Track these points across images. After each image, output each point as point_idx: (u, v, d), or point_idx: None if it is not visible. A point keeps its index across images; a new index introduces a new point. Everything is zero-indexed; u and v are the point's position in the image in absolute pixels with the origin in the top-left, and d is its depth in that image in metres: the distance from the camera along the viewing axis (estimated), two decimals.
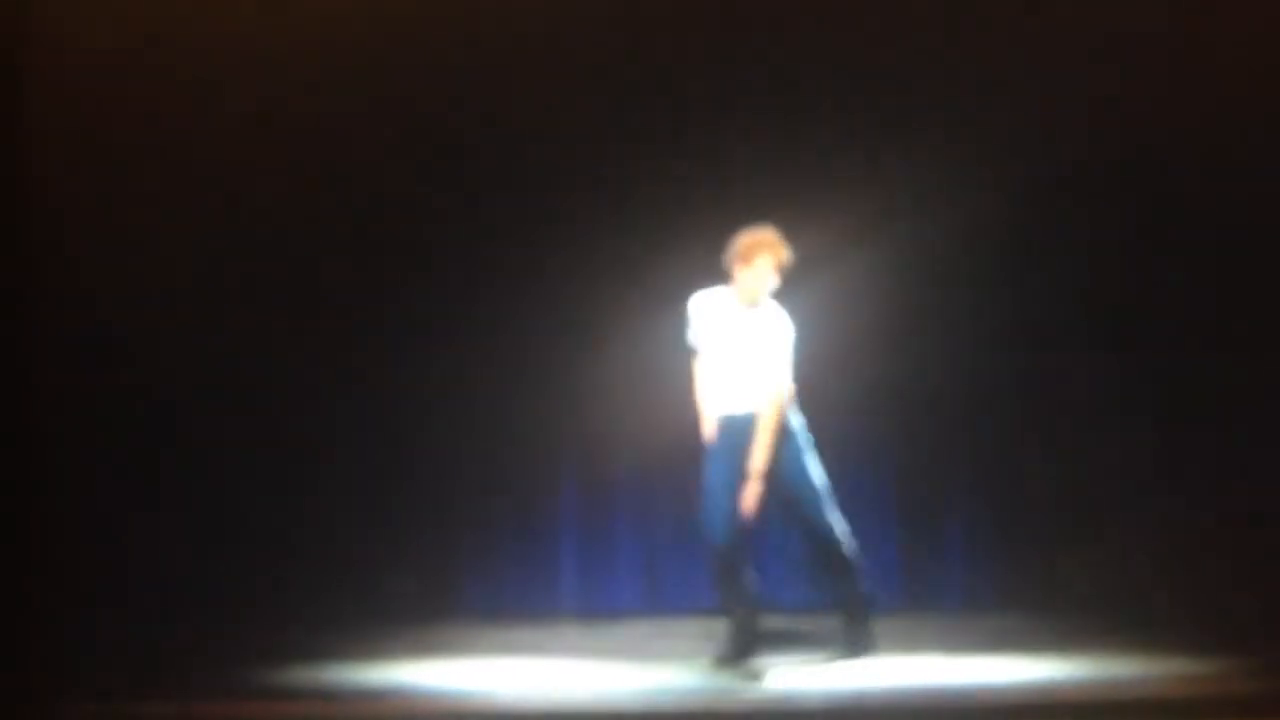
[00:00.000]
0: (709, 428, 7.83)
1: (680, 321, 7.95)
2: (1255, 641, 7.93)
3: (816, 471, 7.79)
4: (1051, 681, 7.45)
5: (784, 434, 7.72)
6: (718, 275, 7.90)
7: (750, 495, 7.61)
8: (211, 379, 8.90)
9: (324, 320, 9.13)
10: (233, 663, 7.93)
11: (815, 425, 7.77)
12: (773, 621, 8.44)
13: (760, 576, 7.92)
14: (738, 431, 7.73)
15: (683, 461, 8.90)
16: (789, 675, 7.65)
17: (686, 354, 7.94)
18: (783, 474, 7.75)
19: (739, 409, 7.76)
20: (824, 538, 7.83)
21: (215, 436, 8.89)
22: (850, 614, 7.93)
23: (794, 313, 7.88)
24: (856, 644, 7.89)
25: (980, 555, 9.34)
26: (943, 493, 9.42)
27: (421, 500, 9.28)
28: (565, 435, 9.41)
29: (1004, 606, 9.17)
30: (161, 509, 8.74)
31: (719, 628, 8.18)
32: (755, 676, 7.64)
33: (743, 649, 7.88)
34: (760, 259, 7.75)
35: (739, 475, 7.69)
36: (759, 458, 7.61)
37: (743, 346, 7.77)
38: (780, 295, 7.91)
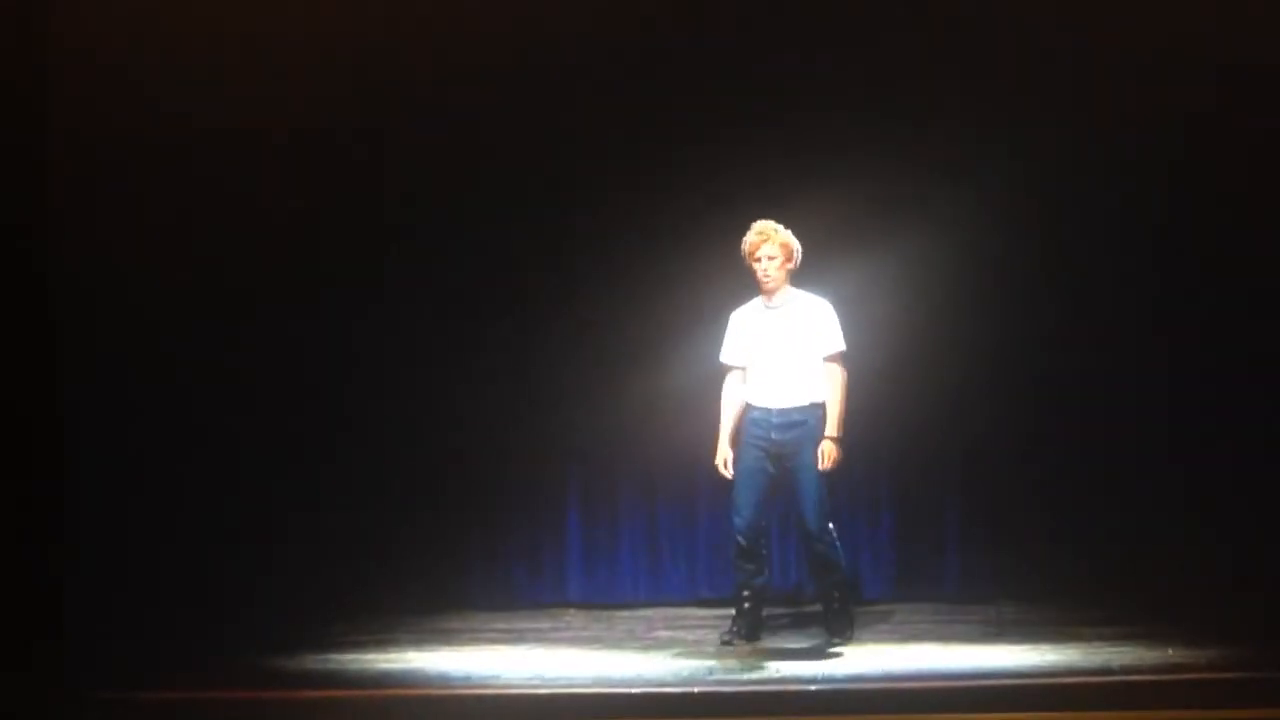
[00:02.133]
0: (725, 444, 8.10)
1: (683, 331, 8.12)
2: (1248, 630, 7.99)
3: (813, 470, 8.02)
4: (1045, 669, 7.55)
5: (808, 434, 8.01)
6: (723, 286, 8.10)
7: (830, 457, 8.00)
8: (229, 378, 8.96)
9: (338, 321, 9.20)
10: (249, 652, 8.05)
11: None
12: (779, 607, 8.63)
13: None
14: (768, 426, 8.02)
15: (684, 459, 9.10)
16: (788, 661, 7.77)
17: (719, 369, 8.26)
18: (788, 472, 8.03)
19: (770, 404, 8.04)
20: (811, 534, 8.07)
21: (233, 433, 8.97)
22: (828, 603, 8.19)
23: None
24: (836, 630, 8.14)
25: (975, 545, 9.35)
26: (938, 484, 9.44)
27: (431, 494, 9.33)
28: (571, 432, 9.44)
29: (999, 596, 9.20)
30: (182, 503, 8.82)
31: (721, 615, 8.33)
32: (755, 662, 7.77)
33: (749, 632, 8.12)
34: (761, 250, 7.99)
35: (765, 465, 8.01)
36: (835, 426, 8.01)
37: (771, 346, 8.06)
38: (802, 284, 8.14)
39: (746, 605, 8.15)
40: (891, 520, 9.47)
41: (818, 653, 7.99)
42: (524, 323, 9.38)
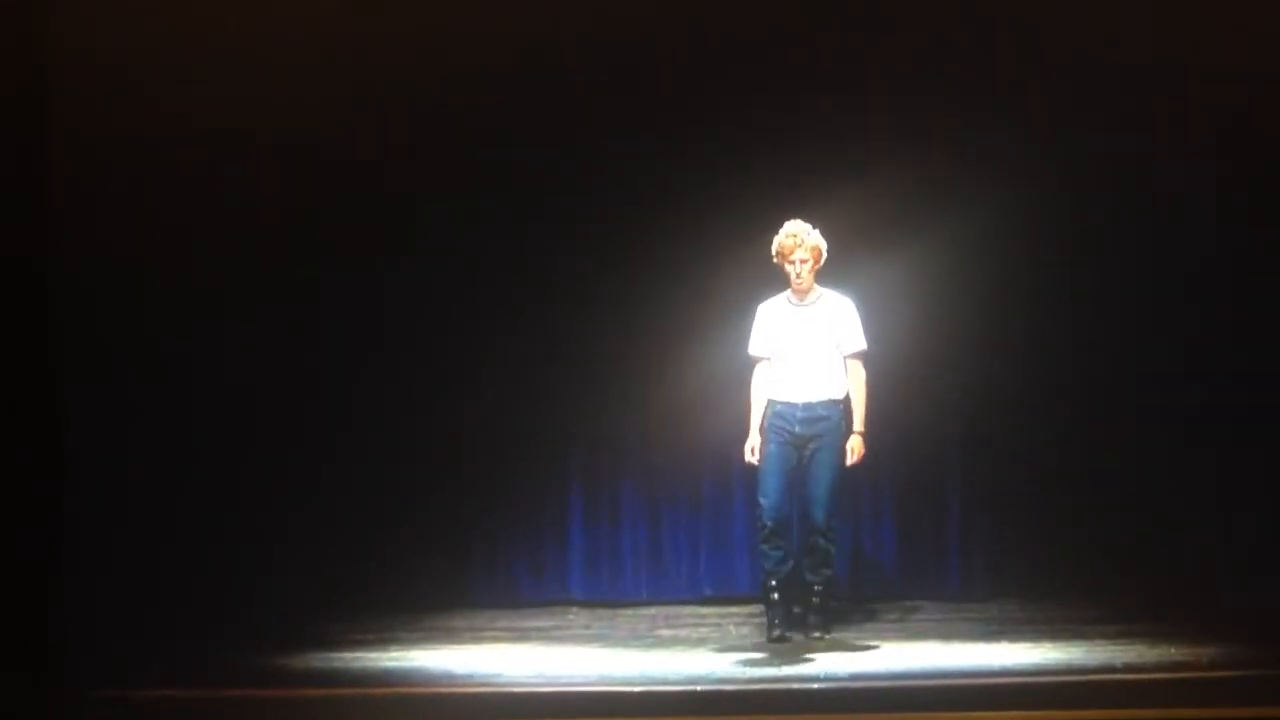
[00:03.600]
0: (753, 433, 8.20)
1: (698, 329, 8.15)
2: (1250, 629, 7.99)
3: (829, 466, 8.12)
4: (1048, 668, 7.55)
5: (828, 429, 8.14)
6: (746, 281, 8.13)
7: (857, 452, 8.18)
8: (230, 377, 8.98)
9: (338, 321, 9.22)
10: (249, 651, 8.05)
11: None
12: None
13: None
14: (792, 419, 8.14)
15: (688, 457, 9.10)
16: (790, 660, 7.77)
17: (747, 360, 8.32)
18: (806, 463, 8.15)
19: (795, 398, 8.15)
20: (817, 528, 8.18)
21: (235, 431, 8.98)
22: (809, 598, 8.29)
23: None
24: (817, 624, 8.26)
25: (978, 544, 9.37)
26: (941, 482, 9.45)
27: (432, 493, 9.34)
28: (573, 430, 9.47)
29: (1001, 594, 9.23)
30: (181, 503, 8.83)
31: (723, 614, 8.32)
32: (758, 660, 7.78)
33: (785, 625, 8.19)
34: (795, 254, 8.12)
35: (790, 453, 8.13)
36: (861, 421, 8.20)
37: (798, 343, 8.18)
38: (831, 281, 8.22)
39: (775, 597, 8.20)
40: (894, 518, 9.48)
41: (816, 649, 7.99)
42: (525, 322, 9.38)
